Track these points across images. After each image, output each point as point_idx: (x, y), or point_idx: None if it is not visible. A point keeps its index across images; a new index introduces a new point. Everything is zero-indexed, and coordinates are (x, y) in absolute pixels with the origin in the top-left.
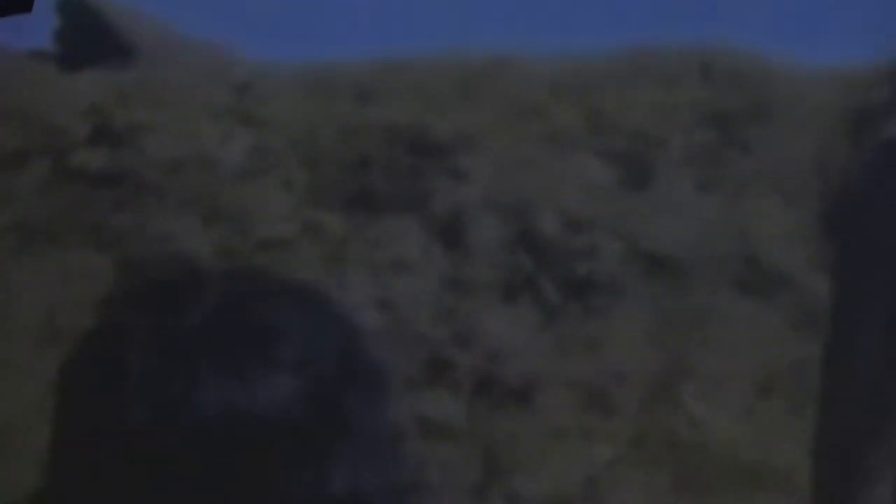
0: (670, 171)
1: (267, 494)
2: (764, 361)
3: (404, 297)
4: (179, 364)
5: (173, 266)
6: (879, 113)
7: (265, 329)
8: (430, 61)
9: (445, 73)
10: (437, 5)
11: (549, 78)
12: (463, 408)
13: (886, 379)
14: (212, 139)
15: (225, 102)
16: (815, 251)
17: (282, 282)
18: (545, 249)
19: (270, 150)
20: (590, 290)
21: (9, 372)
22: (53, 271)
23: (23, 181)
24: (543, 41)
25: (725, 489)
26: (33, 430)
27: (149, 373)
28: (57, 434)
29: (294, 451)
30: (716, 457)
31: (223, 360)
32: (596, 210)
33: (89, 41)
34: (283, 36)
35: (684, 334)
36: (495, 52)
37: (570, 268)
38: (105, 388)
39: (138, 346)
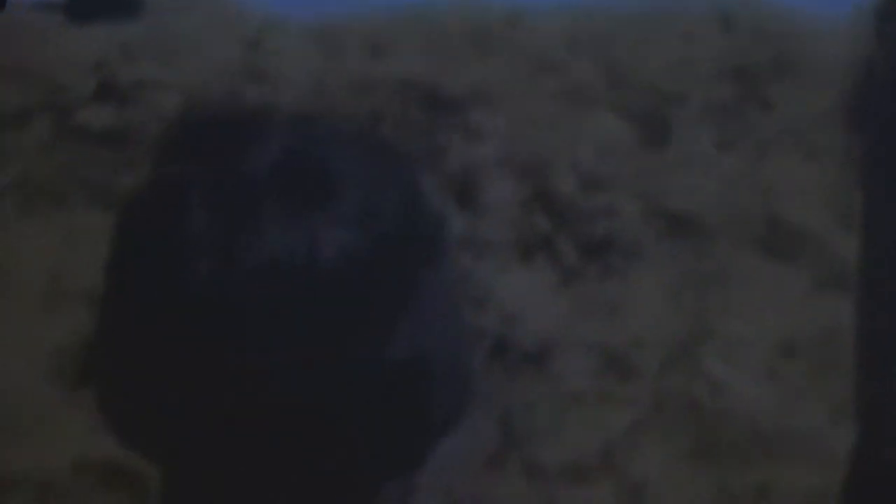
0: (690, 128)
1: (328, 349)
2: (787, 323)
3: None
4: (241, 214)
5: (236, 113)
6: None
7: (328, 180)
8: (444, 14)
9: (459, 26)
10: None
11: (565, 31)
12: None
13: None
14: (220, 95)
15: (234, 57)
16: (840, 209)
17: (345, 133)
18: (562, 209)
19: (280, 105)
20: (608, 250)
21: (11, 335)
22: (57, 233)
23: (25, 139)
24: None
25: (747, 455)
26: (36, 395)
27: (209, 222)
28: (112, 287)
29: (356, 307)
30: (737, 422)
31: (286, 210)
32: (614, 168)
33: None
34: None
35: (705, 296)
36: (510, 4)
37: (588, 228)
38: (163, 237)
39: (198, 195)
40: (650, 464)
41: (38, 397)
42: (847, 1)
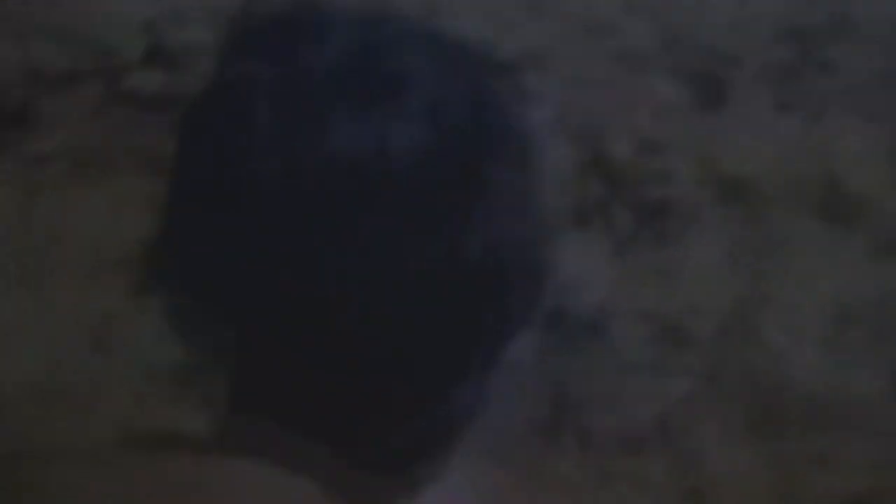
0: (747, 90)
1: (401, 248)
2: (845, 289)
3: None
4: (307, 111)
5: (299, 10)
6: None
7: (396, 76)
8: None
9: None
10: None
11: None
12: (532, 342)
13: None
14: None
15: None
16: None
17: (413, 28)
18: (617, 174)
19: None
20: (663, 216)
21: (56, 307)
22: (104, 201)
23: (72, 105)
24: None
25: (804, 425)
26: (80, 369)
27: (276, 121)
28: (176, 189)
29: (428, 205)
30: (794, 391)
31: (353, 107)
32: (670, 132)
33: None
34: None
35: (761, 262)
36: None
37: (643, 193)
38: (228, 136)
39: (263, 94)
40: (706, 434)
41: (86, 366)
42: None
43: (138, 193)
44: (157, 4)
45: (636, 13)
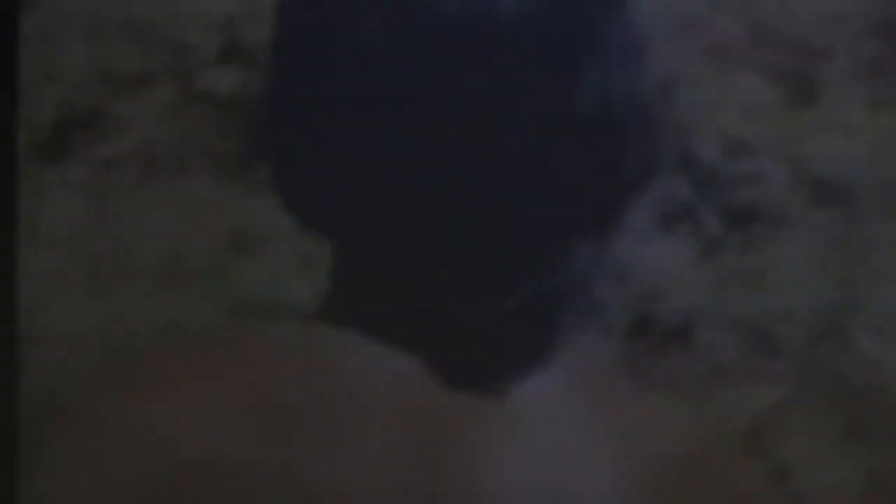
0: (838, 88)
1: (511, 105)
2: None
3: None
4: None
5: None
6: None
7: None
8: None
9: None
10: None
11: None
12: (618, 349)
13: None
14: None
15: None
16: None
17: None
18: (704, 175)
19: None
20: (752, 218)
21: (130, 313)
22: (178, 203)
23: (146, 105)
24: None
25: None
26: (154, 371)
27: None
28: (277, 53)
29: (538, 62)
30: (888, 399)
31: None
32: (758, 131)
33: None
34: None
35: (854, 266)
36: None
37: (732, 195)
38: None
39: None
40: (797, 442)
41: (154, 374)
42: None
43: (212, 197)
44: (234, 0)
45: (723, 7)
